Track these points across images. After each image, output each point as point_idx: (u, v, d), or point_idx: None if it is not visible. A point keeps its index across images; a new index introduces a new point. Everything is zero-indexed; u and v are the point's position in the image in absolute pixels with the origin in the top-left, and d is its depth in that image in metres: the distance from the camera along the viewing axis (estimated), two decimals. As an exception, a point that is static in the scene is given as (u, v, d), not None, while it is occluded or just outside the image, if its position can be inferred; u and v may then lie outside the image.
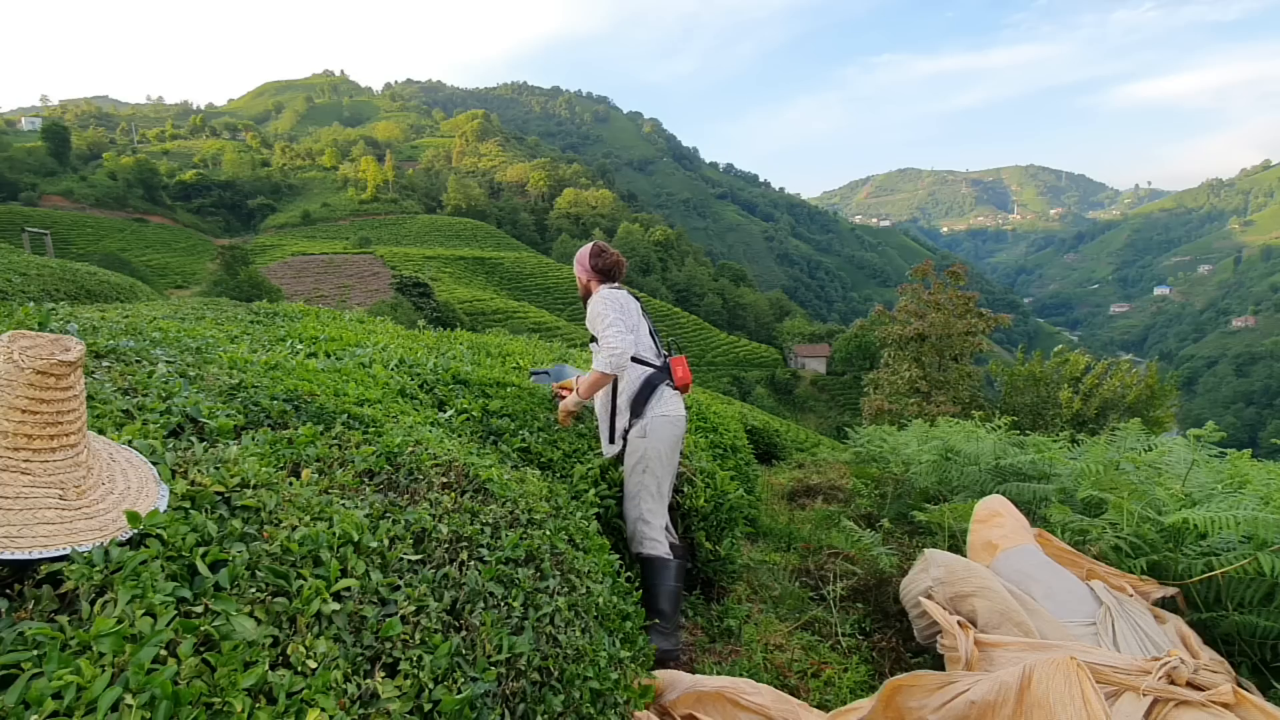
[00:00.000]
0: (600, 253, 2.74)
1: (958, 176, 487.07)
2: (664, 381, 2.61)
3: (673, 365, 2.67)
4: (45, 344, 0.99)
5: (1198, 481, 2.86)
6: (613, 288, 2.70)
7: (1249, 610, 2.25)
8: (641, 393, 2.57)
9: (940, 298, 18.75)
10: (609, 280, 2.75)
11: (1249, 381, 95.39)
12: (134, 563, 0.94)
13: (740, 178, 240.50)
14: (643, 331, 2.67)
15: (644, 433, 2.53)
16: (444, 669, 1.15)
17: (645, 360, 2.61)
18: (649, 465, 2.52)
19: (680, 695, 1.83)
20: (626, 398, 2.58)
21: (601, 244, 2.79)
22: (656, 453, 2.52)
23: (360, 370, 2.74)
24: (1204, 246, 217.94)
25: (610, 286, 2.71)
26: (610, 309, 2.54)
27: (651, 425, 2.54)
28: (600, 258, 2.73)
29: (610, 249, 2.79)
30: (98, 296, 8.31)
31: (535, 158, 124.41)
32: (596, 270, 2.73)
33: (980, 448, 4.21)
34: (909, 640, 2.72)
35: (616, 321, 2.51)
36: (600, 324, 2.52)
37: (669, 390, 2.62)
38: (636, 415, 2.56)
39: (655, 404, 2.56)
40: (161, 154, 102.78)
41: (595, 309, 2.56)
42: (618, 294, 2.66)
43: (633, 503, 2.54)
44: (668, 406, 2.58)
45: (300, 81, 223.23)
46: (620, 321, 2.52)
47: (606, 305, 2.55)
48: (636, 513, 2.53)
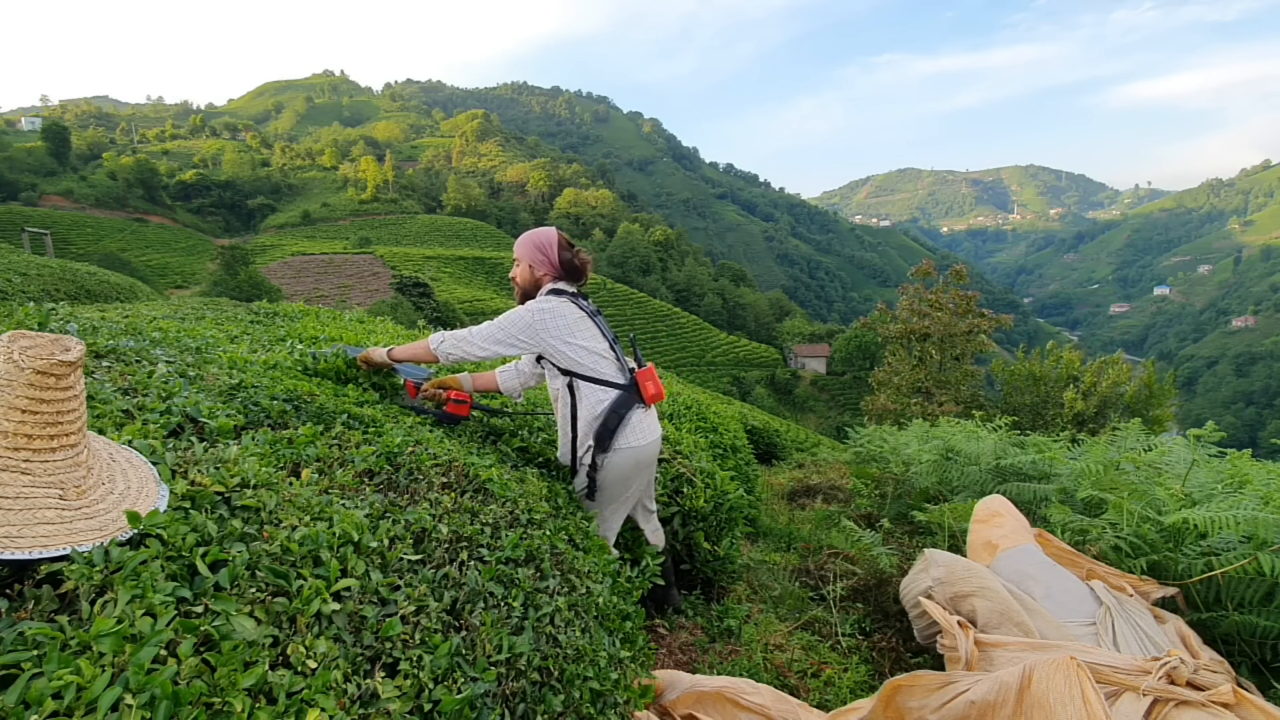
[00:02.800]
0: (571, 246, 2.28)
1: (958, 176, 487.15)
2: (634, 405, 2.22)
3: (640, 381, 2.25)
4: (45, 344, 0.99)
5: (1198, 481, 2.86)
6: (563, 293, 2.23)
7: (1249, 610, 2.25)
8: (608, 424, 2.18)
9: (942, 297, 18.77)
10: (568, 280, 2.28)
11: (1249, 381, 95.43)
12: (134, 563, 0.94)
13: (740, 178, 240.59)
14: (598, 345, 2.22)
15: (602, 465, 2.22)
16: (444, 669, 1.15)
17: (607, 380, 2.20)
18: (601, 497, 2.27)
19: (680, 695, 1.83)
20: (588, 425, 2.20)
21: (567, 237, 2.30)
22: (610, 483, 2.25)
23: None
24: (1204, 246, 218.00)
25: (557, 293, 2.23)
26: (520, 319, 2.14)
27: (611, 461, 2.21)
28: (570, 253, 2.27)
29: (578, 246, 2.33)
30: (98, 296, 8.31)
31: (535, 158, 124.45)
32: (563, 266, 2.26)
33: (981, 448, 4.21)
34: (909, 640, 2.72)
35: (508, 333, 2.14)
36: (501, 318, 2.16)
37: (639, 414, 2.23)
38: (601, 449, 2.19)
39: (622, 434, 2.19)
40: (161, 154, 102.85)
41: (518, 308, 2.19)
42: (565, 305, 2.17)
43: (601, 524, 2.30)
44: (635, 435, 2.21)
45: (300, 81, 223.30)
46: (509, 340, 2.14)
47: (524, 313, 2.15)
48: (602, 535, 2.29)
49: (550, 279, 2.26)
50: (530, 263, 2.25)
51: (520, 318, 2.14)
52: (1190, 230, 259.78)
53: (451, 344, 2.16)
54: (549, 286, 2.25)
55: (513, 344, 2.15)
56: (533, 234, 2.28)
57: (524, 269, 2.28)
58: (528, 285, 2.28)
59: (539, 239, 2.25)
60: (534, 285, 2.27)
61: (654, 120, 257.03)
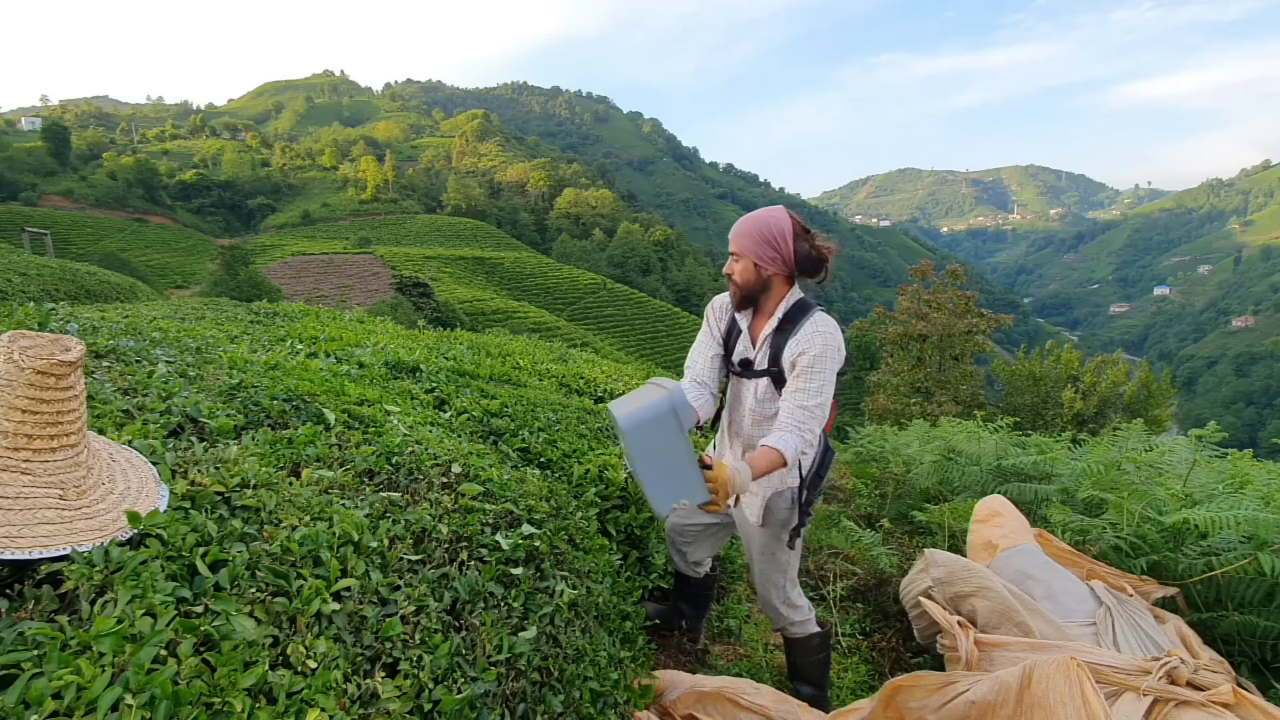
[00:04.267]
0: (807, 234, 1.78)
1: (958, 176, 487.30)
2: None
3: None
4: (45, 344, 0.99)
5: (1198, 482, 2.86)
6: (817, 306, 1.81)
7: (1249, 610, 2.25)
8: (823, 467, 1.91)
9: (940, 298, 18.78)
10: (808, 277, 1.81)
11: (1249, 381, 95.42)
12: (134, 563, 0.94)
13: (740, 178, 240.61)
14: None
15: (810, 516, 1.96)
16: (444, 669, 1.15)
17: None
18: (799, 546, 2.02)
19: (680, 695, 1.83)
20: (811, 467, 1.89)
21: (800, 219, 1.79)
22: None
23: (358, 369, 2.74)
24: (1204, 246, 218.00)
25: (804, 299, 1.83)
26: (838, 363, 1.75)
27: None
28: (808, 242, 1.77)
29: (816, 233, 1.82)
30: (98, 296, 8.31)
31: (535, 158, 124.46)
32: (800, 261, 1.77)
33: (982, 448, 4.21)
34: (909, 640, 2.72)
35: (832, 391, 1.74)
36: (818, 387, 1.71)
37: None
38: (815, 490, 1.91)
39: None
40: (161, 154, 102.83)
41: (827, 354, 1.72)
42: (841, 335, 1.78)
43: (773, 580, 2.03)
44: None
45: (300, 81, 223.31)
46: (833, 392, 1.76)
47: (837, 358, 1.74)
48: (779, 594, 2.04)
49: (784, 279, 1.80)
50: (756, 259, 1.76)
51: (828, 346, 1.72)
52: (1190, 230, 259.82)
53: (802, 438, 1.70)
54: (792, 293, 1.82)
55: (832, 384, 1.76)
56: (757, 221, 1.77)
57: (746, 266, 1.78)
58: (752, 286, 1.80)
59: (768, 229, 1.74)
60: (760, 286, 1.80)
61: (654, 120, 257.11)
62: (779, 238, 1.74)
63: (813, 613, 2.15)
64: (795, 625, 2.11)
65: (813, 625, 2.13)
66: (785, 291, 1.82)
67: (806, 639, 2.13)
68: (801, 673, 2.20)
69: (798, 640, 2.14)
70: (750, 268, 1.78)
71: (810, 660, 2.17)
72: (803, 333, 1.75)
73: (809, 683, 2.19)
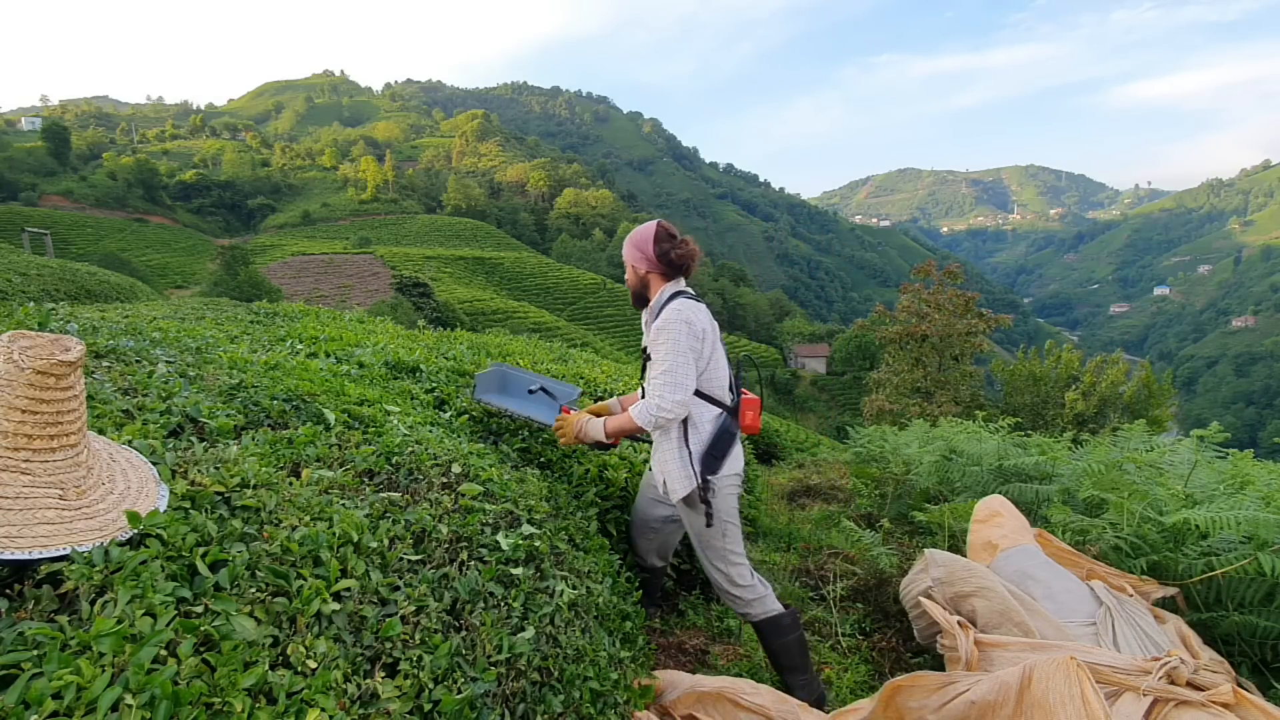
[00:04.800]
0: (669, 238, 2.08)
1: (958, 176, 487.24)
2: (737, 430, 2.12)
3: (743, 409, 2.15)
4: (45, 344, 0.99)
5: (1199, 482, 2.86)
6: (685, 294, 2.08)
7: (1249, 610, 2.25)
8: (717, 444, 2.06)
9: (941, 298, 18.78)
10: (677, 276, 2.11)
11: (1249, 381, 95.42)
12: (134, 563, 0.94)
13: (740, 178, 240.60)
14: (720, 360, 2.11)
15: (715, 493, 2.07)
16: (444, 669, 1.15)
17: (716, 399, 2.08)
18: (728, 529, 2.12)
19: (680, 695, 1.83)
20: (700, 446, 2.06)
21: (670, 226, 2.12)
22: (731, 513, 2.13)
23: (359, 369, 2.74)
24: (1204, 246, 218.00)
25: (680, 290, 2.10)
26: (683, 335, 1.96)
27: (721, 487, 2.08)
28: (671, 244, 2.07)
29: (681, 235, 2.13)
30: (98, 296, 8.31)
31: (535, 158, 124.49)
32: (663, 260, 2.07)
33: (983, 448, 4.21)
34: (909, 640, 2.72)
35: (685, 361, 1.95)
36: (663, 358, 1.96)
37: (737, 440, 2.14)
38: (710, 471, 2.05)
39: (729, 459, 2.08)
40: (161, 154, 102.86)
41: (667, 330, 1.97)
42: (698, 311, 2.03)
43: (715, 567, 2.15)
44: (737, 461, 2.12)
45: (300, 81, 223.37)
46: (689, 361, 1.97)
47: (682, 332, 1.96)
48: (728, 578, 2.14)
49: (659, 276, 2.11)
50: (632, 263, 2.13)
51: (675, 323, 1.97)
52: (1190, 230, 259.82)
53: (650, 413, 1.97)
54: (667, 287, 2.10)
55: (688, 361, 1.98)
56: (632, 233, 2.16)
57: (629, 271, 2.16)
58: (635, 286, 2.17)
59: (635, 236, 2.13)
60: (642, 284, 2.15)
61: (654, 120, 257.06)
62: (644, 243, 2.09)
63: (770, 590, 2.19)
64: (751, 606, 2.15)
65: (774, 604, 2.17)
66: (661, 286, 2.12)
67: (774, 620, 2.16)
68: (780, 658, 2.20)
69: (764, 623, 2.17)
70: (630, 270, 2.15)
71: (784, 642, 2.18)
72: (660, 313, 2.03)
73: (791, 668, 2.20)
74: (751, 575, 2.18)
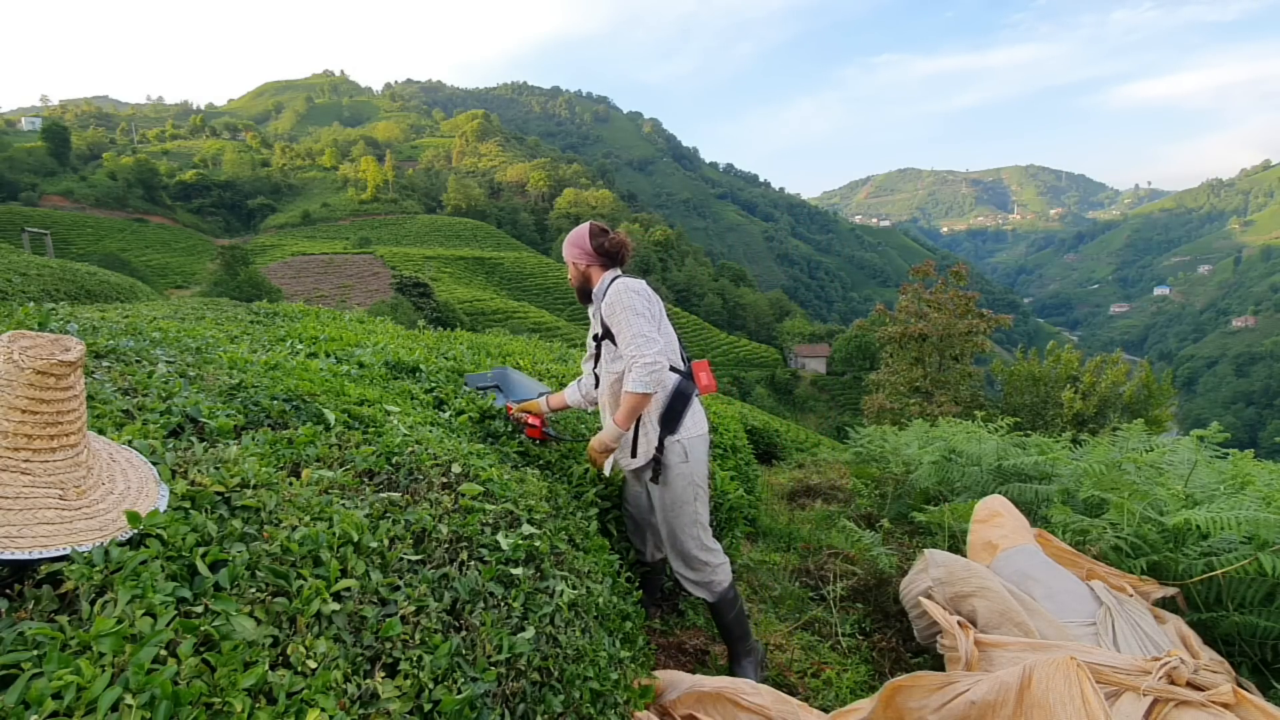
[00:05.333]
0: (601, 232, 2.25)
1: (958, 176, 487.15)
2: (693, 391, 2.23)
3: (695, 371, 2.28)
4: (45, 344, 0.99)
5: (1199, 482, 2.86)
6: (625, 277, 2.22)
7: (1249, 610, 2.25)
8: (674, 405, 2.16)
9: (941, 297, 18.78)
10: (614, 265, 2.26)
11: (1249, 381, 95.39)
12: (134, 563, 0.94)
13: (740, 178, 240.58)
14: (668, 329, 2.23)
15: (685, 455, 2.16)
16: (444, 669, 1.15)
17: (670, 365, 2.19)
18: (699, 492, 2.21)
19: (680, 695, 1.83)
20: (656, 410, 2.17)
21: (601, 224, 2.30)
22: (702, 476, 2.22)
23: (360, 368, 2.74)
24: (1204, 246, 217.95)
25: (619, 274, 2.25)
26: (639, 302, 2.09)
27: (690, 445, 2.17)
28: (603, 238, 2.23)
29: (612, 229, 2.29)
30: (98, 296, 8.31)
31: (535, 158, 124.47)
32: (599, 252, 2.22)
33: (982, 448, 4.21)
34: (909, 640, 2.72)
35: (644, 319, 2.08)
36: (626, 325, 2.07)
37: (697, 400, 2.25)
38: (669, 431, 2.16)
39: (689, 419, 2.18)
40: (161, 154, 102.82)
41: (619, 301, 2.08)
42: (642, 284, 2.17)
43: (688, 533, 2.21)
44: (701, 422, 2.24)
45: (300, 81, 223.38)
46: (649, 319, 2.09)
47: (634, 298, 2.09)
48: (696, 545, 2.22)
49: (598, 268, 2.25)
50: (572, 261, 2.27)
51: (627, 294, 2.09)
52: (1190, 230, 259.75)
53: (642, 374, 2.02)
54: (606, 275, 2.23)
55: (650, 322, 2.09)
56: (569, 235, 2.31)
57: (570, 269, 2.29)
58: (579, 282, 2.30)
59: (572, 236, 2.27)
60: (584, 279, 2.28)
61: (654, 120, 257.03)
62: (581, 240, 2.24)
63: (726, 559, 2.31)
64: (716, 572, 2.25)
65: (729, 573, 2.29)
66: (601, 277, 2.25)
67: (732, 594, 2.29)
68: (734, 629, 2.29)
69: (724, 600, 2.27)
70: (571, 268, 2.29)
71: (736, 613, 2.30)
72: (605, 295, 2.17)
73: (741, 637, 2.30)
74: (716, 543, 2.29)
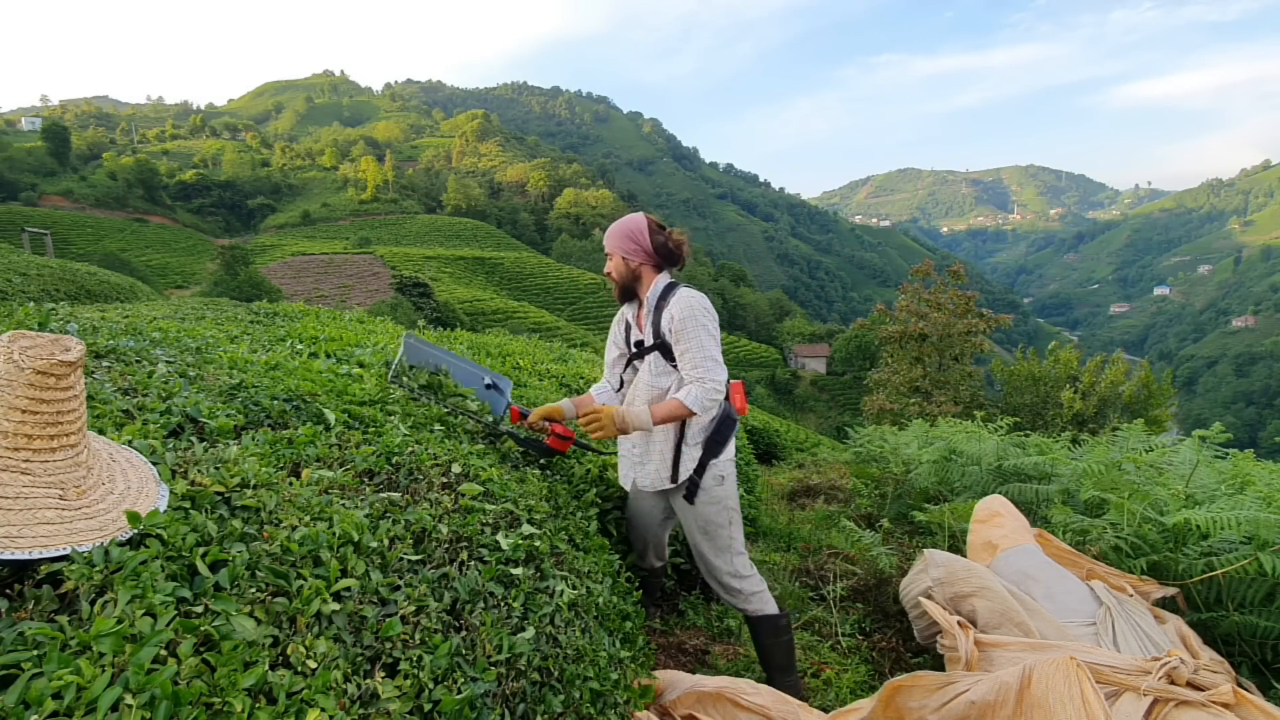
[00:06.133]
0: (660, 229, 2.10)
1: (958, 176, 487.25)
2: (737, 416, 2.17)
3: (732, 393, 2.17)
4: (45, 344, 0.99)
5: (1200, 482, 2.86)
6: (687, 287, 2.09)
7: (1249, 610, 2.25)
8: (722, 430, 2.10)
9: (941, 297, 18.79)
10: (668, 267, 2.13)
11: (1249, 381, 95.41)
12: (134, 563, 0.94)
13: (740, 178, 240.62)
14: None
15: (721, 479, 2.11)
16: (444, 669, 1.15)
17: None
18: (733, 516, 2.15)
19: (680, 695, 1.83)
20: (701, 431, 2.09)
21: (655, 217, 2.14)
22: (735, 500, 2.17)
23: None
24: (1204, 246, 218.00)
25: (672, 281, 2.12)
26: (712, 324, 2.01)
27: (727, 470, 2.13)
28: (663, 236, 2.09)
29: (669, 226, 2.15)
30: (98, 296, 8.31)
31: (535, 158, 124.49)
32: (657, 251, 2.08)
33: (982, 448, 4.20)
34: (909, 640, 2.72)
35: (716, 343, 2.01)
36: (698, 344, 1.98)
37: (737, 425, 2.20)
38: (712, 455, 2.09)
39: (729, 445, 2.13)
40: (161, 154, 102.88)
41: (695, 319, 1.98)
42: (709, 301, 2.07)
43: (724, 558, 2.15)
44: (732, 447, 2.17)
45: (300, 81, 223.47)
46: (718, 344, 2.02)
47: (708, 318, 2.01)
48: (731, 568, 2.16)
49: (651, 268, 2.10)
50: (623, 254, 2.09)
51: (701, 310, 2.00)
52: (1190, 230, 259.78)
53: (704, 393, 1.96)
54: (659, 279, 2.10)
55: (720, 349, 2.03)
56: (620, 224, 2.12)
57: (617, 262, 2.11)
58: (625, 278, 2.13)
59: (628, 228, 2.09)
60: (632, 277, 2.12)
61: (654, 120, 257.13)
62: (638, 234, 2.07)
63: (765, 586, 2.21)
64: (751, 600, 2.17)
65: (771, 601, 2.20)
66: (654, 279, 2.11)
67: (772, 619, 2.18)
68: (771, 656, 2.22)
69: (762, 619, 2.19)
70: (620, 262, 2.11)
71: (778, 642, 2.21)
72: (671, 304, 2.04)
73: (780, 668, 2.22)
74: (752, 566, 2.21)
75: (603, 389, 2.32)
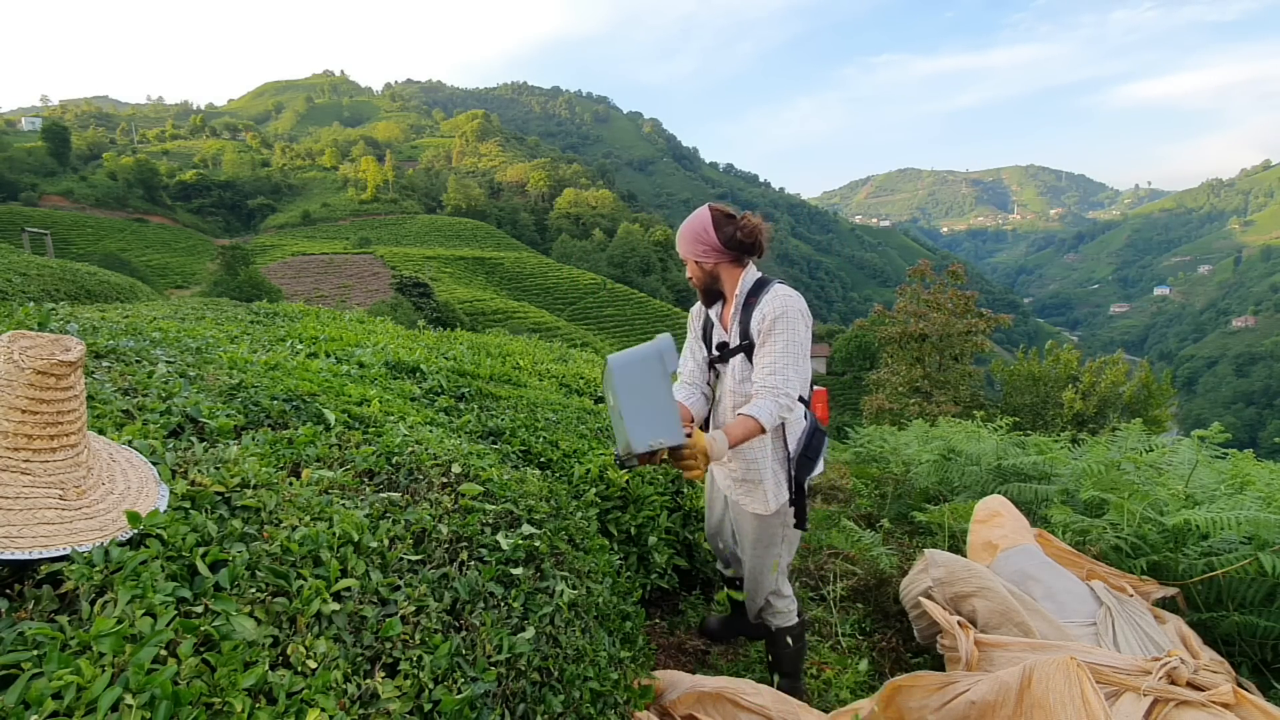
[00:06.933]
0: (728, 219, 1.87)
1: (958, 176, 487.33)
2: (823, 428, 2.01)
3: (814, 400, 2.00)
4: (45, 344, 0.99)
5: (1200, 482, 2.86)
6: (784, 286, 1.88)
7: (1249, 610, 2.25)
8: (814, 444, 1.93)
9: (940, 297, 18.79)
10: (748, 258, 1.91)
11: (1249, 381, 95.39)
12: (134, 563, 0.94)
13: (740, 178, 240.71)
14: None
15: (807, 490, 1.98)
16: (444, 669, 1.15)
17: (800, 394, 1.84)
18: (791, 538, 2.03)
19: (680, 695, 1.83)
20: (797, 448, 1.92)
21: (723, 206, 1.90)
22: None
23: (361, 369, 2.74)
24: (1204, 247, 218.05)
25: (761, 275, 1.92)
26: (803, 327, 1.81)
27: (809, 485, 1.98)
28: (731, 227, 1.86)
29: (739, 213, 1.91)
30: (98, 296, 8.31)
31: (535, 158, 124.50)
32: (731, 245, 1.86)
33: (982, 448, 4.21)
34: (909, 640, 2.71)
35: (806, 352, 1.81)
36: (784, 351, 1.78)
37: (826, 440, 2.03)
38: (806, 473, 1.93)
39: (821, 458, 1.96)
40: (161, 154, 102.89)
41: (790, 324, 1.78)
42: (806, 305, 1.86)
43: (769, 578, 2.06)
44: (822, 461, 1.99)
45: (300, 81, 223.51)
46: (808, 353, 1.82)
47: (801, 322, 1.80)
48: (775, 586, 2.08)
49: (729, 264, 1.89)
50: (695, 259, 1.90)
51: (798, 315, 1.79)
52: (1190, 230, 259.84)
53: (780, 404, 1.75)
54: (746, 274, 1.90)
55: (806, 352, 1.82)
56: (685, 226, 1.91)
57: (692, 268, 1.93)
58: (705, 282, 1.93)
59: (693, 228, 1.88)
60: (711, 278, 1.92)
61: (654, 120, 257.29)
62: (703, 231, 1.87)
63: (796, 603, 2.18)
64: (783, 617, 2.14)
65: (794, 616, 2.17)
66: (738, 274, 1.91)
67: (794, 628, 2.17)
68: (783, 664, 2.21)
69: (786, 628, 2.16)
70: (694, 266, 1.93)
71: (793, 650, 2.19)
72: (763, 301, 1.84)
73: (789, 674, 2.21)
74: (788, 586, 2.18)
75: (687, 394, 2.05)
